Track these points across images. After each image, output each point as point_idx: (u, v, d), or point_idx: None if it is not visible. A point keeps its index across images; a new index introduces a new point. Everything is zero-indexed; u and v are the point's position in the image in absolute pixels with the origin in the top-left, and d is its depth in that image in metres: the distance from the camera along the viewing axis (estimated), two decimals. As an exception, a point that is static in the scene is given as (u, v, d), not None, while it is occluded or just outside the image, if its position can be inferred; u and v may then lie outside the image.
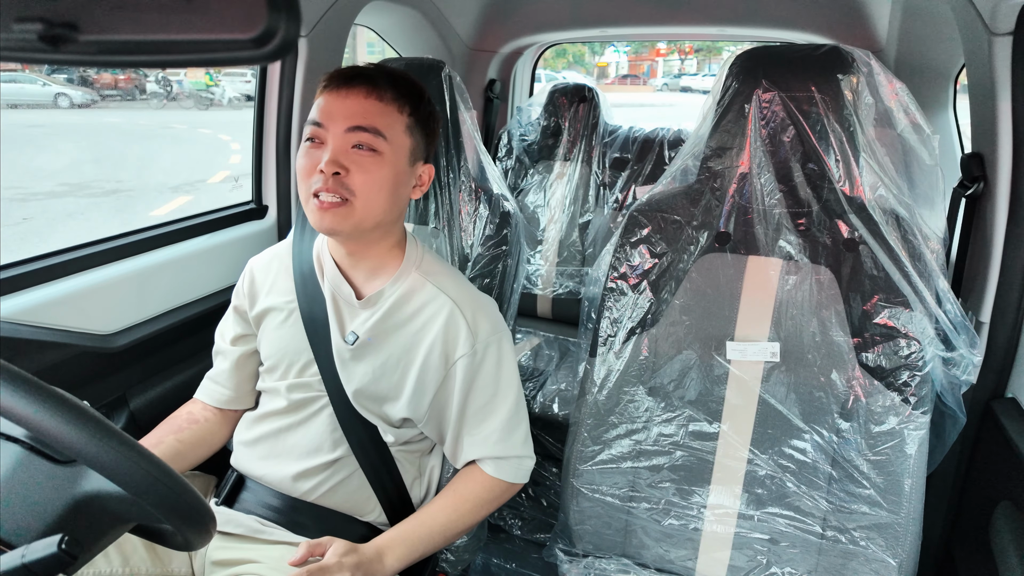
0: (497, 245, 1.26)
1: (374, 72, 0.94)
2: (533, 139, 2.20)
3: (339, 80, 0.93)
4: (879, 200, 1.02)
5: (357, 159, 0.91)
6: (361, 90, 0.92)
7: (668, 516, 1.10)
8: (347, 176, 0.90)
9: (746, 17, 1.92)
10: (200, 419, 1.10)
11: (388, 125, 0.93)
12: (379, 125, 0.91)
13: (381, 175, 0.92)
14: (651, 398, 1.11)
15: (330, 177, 0.89)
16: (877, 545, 1.01)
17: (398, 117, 0.94)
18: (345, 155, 0.91)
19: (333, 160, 0.89)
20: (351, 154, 0.91)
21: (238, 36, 0.35)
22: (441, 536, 0.98)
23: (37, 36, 0.36)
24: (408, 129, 0.95)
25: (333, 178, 0.89)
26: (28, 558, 0.53)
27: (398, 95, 0.94)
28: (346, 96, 0.92)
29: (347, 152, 0.91)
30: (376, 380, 1.00)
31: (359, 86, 0.92)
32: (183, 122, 11.79)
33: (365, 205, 0.92)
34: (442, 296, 1.00)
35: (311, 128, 0.93)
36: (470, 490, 1.01)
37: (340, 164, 0.90)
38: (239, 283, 1.12)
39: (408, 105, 0.95)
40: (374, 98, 0.92)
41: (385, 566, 0.91)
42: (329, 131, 0.91)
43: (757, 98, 1.03)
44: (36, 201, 6.50)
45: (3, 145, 8.39)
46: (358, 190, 0.91)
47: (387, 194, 0.94)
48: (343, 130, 0.91)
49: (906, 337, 0.99)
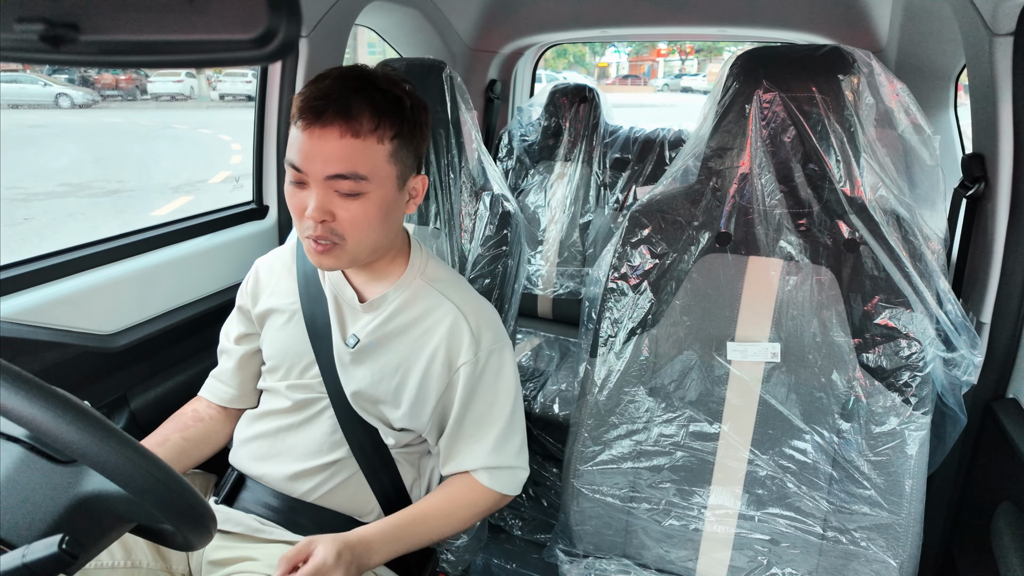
0: (498, 245, 1.26)
1: (346, 96, 0.85)
2: (534, 139, 2.20)
3: (311, 115, 0.85)
4: (880, 200, 1.02)
5: (342, 203, 0.88)
6: (335, 128, 0.85)
7: (669, 517, 1.10)
8: (334, 222, 0.88)
9: (747, 17, 1.92)
10: (205, 417, 1.11)
11: (369, 164, 0.87)
12: (359, 168, 0.86)
13: (368, 215, 0.89)
14: (652, 398, 1.11)
15: (318, 225, 0.88)
16: (878, 546, 1.00)
17: (378, 148, 0.87)
18: (330, 200, 0.87)
19: (319, 209, 0.87)
20: (335, 199, 0.87)
21: (239, 36, 0.35)
22: (426, 539, 0.98)
23: (38, 36, 0.36)
24: (392, 156, 0.89)
25: (321, 225, 0.88)
26: (28, 558, 0.53)
27: (376, 123, 0.86)
28: (321, 136, 0.85)
29: (331, 197, 0.87)
30: (375, 384, 1.00)
31: (333, 123, 0.85)
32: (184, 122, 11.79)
33: (356, 244, 0.91)
34: (447, 303, 1.00)
35: (291, 171, 0.88)
36: (462, 494, 1.00)
37: (326, 211, 0.87)
38: (244, 282, 1.13)
39: (390, 128, 0.88)
40: (350, 135, 0.85)
41: (372, 560, 0.90)
42: (309, 176, 0.87)
43: (758, 98, 1.03)
44: (37, 201, 6.49)
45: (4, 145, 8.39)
46: (347, 233, 0.89)
47: (377, 227, 0.91)
48: (323, 178, 0.86)
49: (907, 338, 0.99)
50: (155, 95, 13.35)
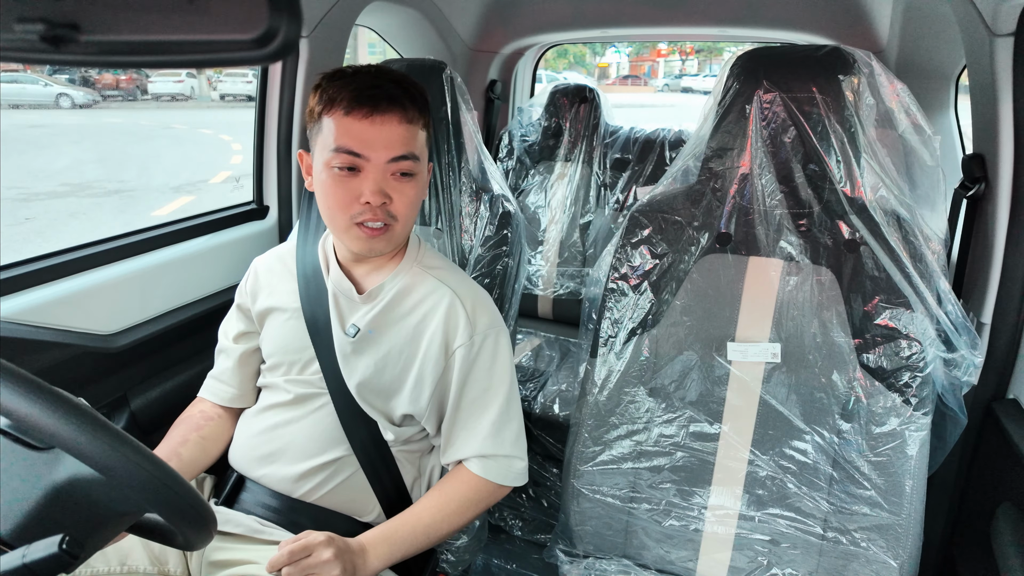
0: (498, 245, 1.26)
1: (397, 91, 0.93)
2: (534, 140, 2.21)
3: (369, 103, 0.91)
4: (880, 201, 1.02)
5: (397, 186, 0.94)
6: (395, 115, 0.92)
7: (669, 517, 1.10)
8: (390, 204, 0.94)
9: (747, 18, 1.92)
10: (214, 416, 1.11)
11: (420, 147, 0.96)
12: (415, 150, 0.94)
13: (416, 195, 0.97)
14: (652, 399, 1.11)
15: (377, 208, 0.93)
16: (878, 546, 1.00)
17: (421, 134, 0.96)
18: (387, 183, 0.93)
19: (379, 192, 0.92)
20: (391, 181, 0.94)
21: (239, 37, 0.35)
22: (424, 536, 0.97)
23: (39, 36, 0.36)
24: (427, 141, 0.99)
25: (380, 208, 0.93)
26: (29, 558, 0.53)
27: (420, 112, 0.95)
28: (382, 123, 0.91)
29: (387, 180, 0.93)
30: (379, 373, 1.00)
31: (392, 111, 0.92)
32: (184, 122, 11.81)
33: (404, 225, 0.98)
34: (443, 287, 1.02)
35: (346, 157, 0.91)
36: (455, 490, 1.00)
37: (385, 194, 0.93)
38: (243, 281, 1.14)
39: (424, 116, 0.97)
40: (407, 123, 0.93)
41: (367, 563, 0.90)
42: (370, 160, 0.92)
43: (758, 99, 1.03)
44: (39, 201, 6.51)
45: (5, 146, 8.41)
46: (400, 214, 0.95)
47: (417, 208, 1.00)
48: (385, 161, 0.92)
49: (907, 338, 0.99)
50: (156, 95, 13.38)
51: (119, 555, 0.94)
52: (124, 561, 0.94)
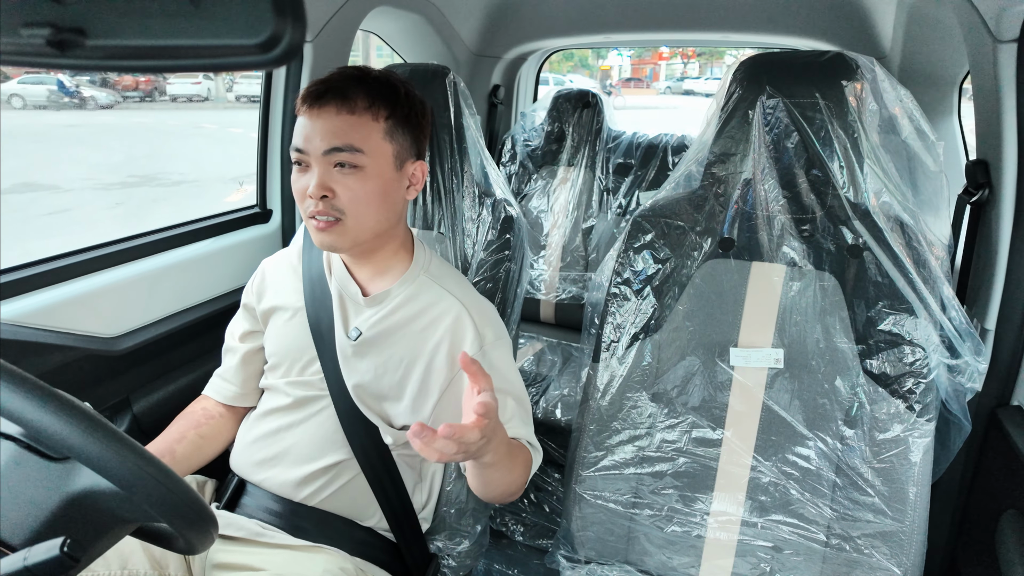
0: (500, 250, 1.26)
1: (343, 82, 0.93)
2: (537, 144, 2.21)
3: (311, 99, 0.92)
4: (883, 206, 1.02)
5: (340, 179, 0.92)
6: (331, 107, 0.91)
7: (671, 523, 1.09)
8: (334, 198, 0.92)
9: (750, 23, 1.92)
10: (215, 414, 1.11)
11: (364, 138, 0.92)
12: (354, 141, 0.91)
13: (366, 190, 0.93)
14: (654, 404, 1.10)
15: (319, 201, 0.92)
16: (881, 553, 1.00)
17: (374, 126, 0.93)
18: (329, 177, 0.92)
19: (319, 185, 0.91)
20: (334, 174, 0.92)
21: (244, 41, 0.35)
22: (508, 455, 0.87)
23: (45, 41, 0.36)
24: (387, 134, 0.95)
25: (322, 201, 0.92)
26: (30, 561, 0.53)
27: (371, 103, 0.93)
28: (319, 115, 0.92)
29: (331, 173, 0.92)
30: (378, 378, 1.00)
31: (330, 103, 0.91)
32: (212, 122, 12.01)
33: (356, 221, 0.94)
34: (450, 297, 1.01)
35: (295, 154, 0.94)
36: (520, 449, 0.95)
37: (326, 187, 0.92)
38: (250, 281, 1.15)
39: (384, 109, 0.94)
40: (345, 112, 0.91)
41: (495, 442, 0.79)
42: (310, 155, 0.92)
43: (761, 104, 1.03)
44: (116, 190, 6.96)
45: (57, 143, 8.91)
46: (346, 208, 0.93)
47: (376, 206, 0.95)
48: (321, 153, 0.91)
49: (911, 344, 0.99)
50: (173, 96, 13.55)
51: (119, 559, 0.94)
52: (124, 565, 0.94)
